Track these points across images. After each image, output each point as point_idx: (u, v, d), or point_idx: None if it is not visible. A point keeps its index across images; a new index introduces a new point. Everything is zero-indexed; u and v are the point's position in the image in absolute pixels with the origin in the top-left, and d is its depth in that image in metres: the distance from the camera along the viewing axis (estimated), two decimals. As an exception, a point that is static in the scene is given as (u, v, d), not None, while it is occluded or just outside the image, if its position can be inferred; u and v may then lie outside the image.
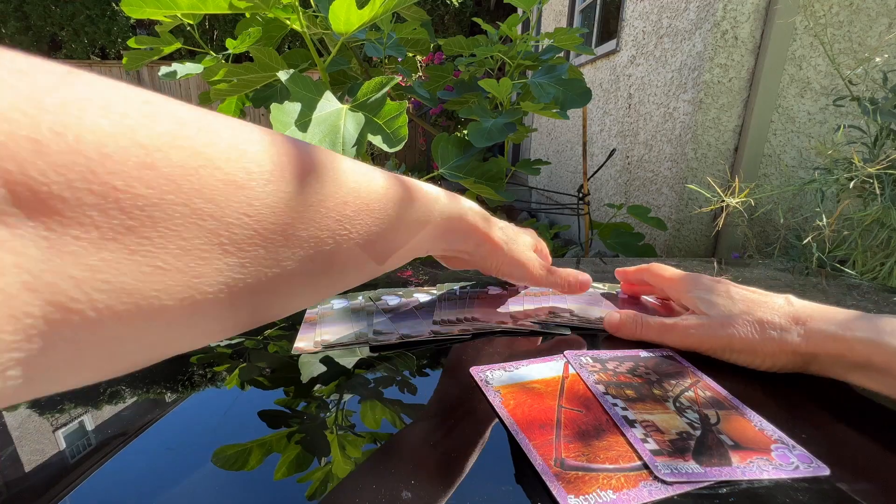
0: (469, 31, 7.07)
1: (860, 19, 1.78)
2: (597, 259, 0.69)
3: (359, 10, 0.70)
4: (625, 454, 0.26)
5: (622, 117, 2.74)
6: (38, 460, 0.27)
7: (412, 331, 0.41)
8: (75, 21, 6.66)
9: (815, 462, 0.26)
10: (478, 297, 0.48)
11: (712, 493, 0.23)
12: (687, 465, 0.25)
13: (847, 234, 1.21)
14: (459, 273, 0.61)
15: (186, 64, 0.93)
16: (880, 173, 1.09)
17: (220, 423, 0.30)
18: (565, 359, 0.36)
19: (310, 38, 0.82)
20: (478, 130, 0.93)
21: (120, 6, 0.77)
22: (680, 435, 0.27)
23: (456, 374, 0.35)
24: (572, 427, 0.28)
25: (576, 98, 1.01)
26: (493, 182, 0.90)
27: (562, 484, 0.24)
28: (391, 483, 0.24)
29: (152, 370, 0.37)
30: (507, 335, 0.41)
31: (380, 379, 0.35)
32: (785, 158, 1.94)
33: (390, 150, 0.66)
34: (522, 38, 1.11)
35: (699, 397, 0.32)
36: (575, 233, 3.17)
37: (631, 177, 2.61)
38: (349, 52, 1.06)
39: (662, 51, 2.26)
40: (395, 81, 0.71)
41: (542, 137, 4.46)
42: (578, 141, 3.44)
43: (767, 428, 0.28)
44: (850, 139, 1.32)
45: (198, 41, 1.02)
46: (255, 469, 0.25)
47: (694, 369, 0.35)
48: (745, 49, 1.83)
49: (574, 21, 3.80)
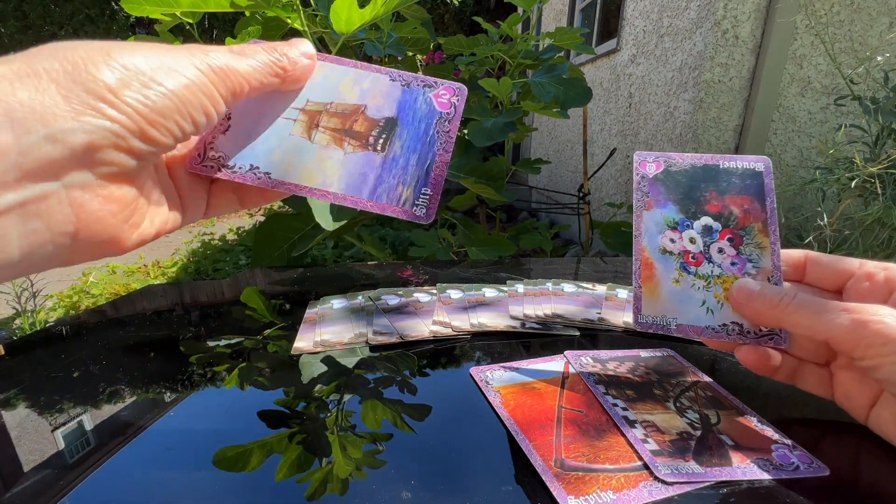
0: (469, 31, 7.06)
1: (861, 18, 1.78)
2: (597, 259, 0.69)
3: (360, 10, 0.69)
4: (625, 454, 0.26)
5: (623, 116, 2.74)
6: (37, 460, 0.27)
7: (412, 331, 0.41)
8: (75, 20, 6.65)
9: (815, 462, 0.26)
10: (479, 300, 0.48)
11: (713, 494, 0.23)
12: (687, 465, 0.25)
13: (848, 233, 1.21)
14: (459, 273, 0.61)
15: (186, 63, 0.92)
16: (881, 173, 1.09)
17: (220, 424, 0.30)
18: (566, 359, 0.36)
19: (310, 37, 0.81)
20: (478, 130, 0.93)
21: (120, 4, 0.77)
22: (680, 435, 0.27)
23: (456, 374, 0.35)
24: (572, 427, 0.28)
25: (576, 97, 1.01)
26: (493, 181, 0.90)
27: (562, 484, 0.24)
28: (391, 483, 0.24)
29: (152, 370, 0.37)
30: (509, 336, 0.41)
31: (380, 379, 0.35)
32: (786, 158, 1.94)
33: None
34: (523, 37, 1.11)
35: (699, 397, 0.32)
36: (575, 232, 3.17)
37: (631, 176, 2.61)
38: (349, 51, 1.06)
39: (663, 50, 2.26)
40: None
41: (542, 137, 4.46)
42: (579, 140, 3.44)
43: (767, 428, 0.28)
44: (851, 138, 1.32)
45: (197, 40, 1.02)
46: (256, 470, 0.25)
47: (695, 369, 0.35)
48: (745, 48, 1.83)
49: (574, 20, 3.79)
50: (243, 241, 3.17)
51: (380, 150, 0.27)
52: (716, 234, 0.31)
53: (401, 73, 0.28)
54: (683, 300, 0.31)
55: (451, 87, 0.28)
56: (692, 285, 0.31)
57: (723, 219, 0.32)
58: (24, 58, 0.18)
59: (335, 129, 0.27)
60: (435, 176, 0.27)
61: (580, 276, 0.59)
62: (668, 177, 0.33)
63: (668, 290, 0.31)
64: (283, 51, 0.25)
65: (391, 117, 0.27)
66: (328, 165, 0.27)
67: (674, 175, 0.33)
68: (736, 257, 0.31)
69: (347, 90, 0.28)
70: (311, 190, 0.26)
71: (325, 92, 0.27)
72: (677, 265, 0.31)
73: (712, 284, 0.31)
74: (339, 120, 0.27)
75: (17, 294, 1.58)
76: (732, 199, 0.32)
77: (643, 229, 0.32)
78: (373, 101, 0.28)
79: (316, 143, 0.27)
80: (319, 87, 0.27)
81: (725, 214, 0.32)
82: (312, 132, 0.27)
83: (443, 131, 0.27)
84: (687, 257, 0.31)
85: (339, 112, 0.27)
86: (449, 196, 1.33)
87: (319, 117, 0.27)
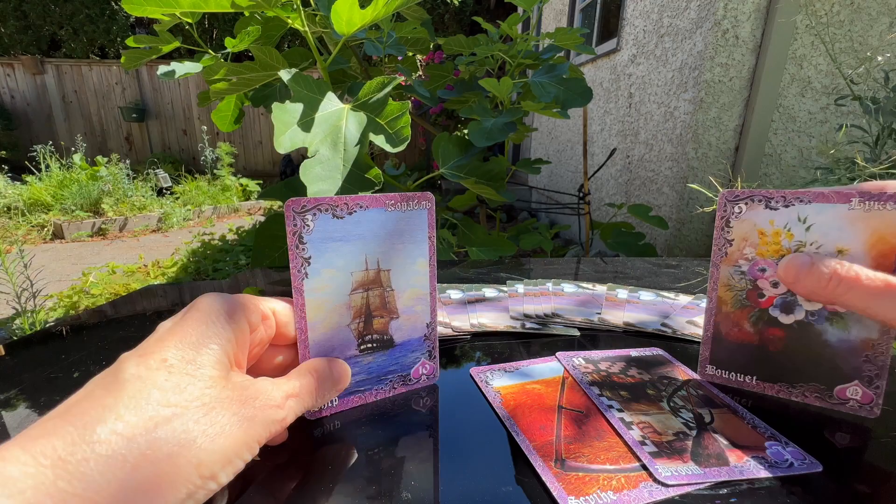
0: (469, 31, 7.06)
1: (861, 18, 1.78)
2: (597, 259, 0.69)
3: (361, 10, 0.69)
4: (625, 455, 0.26)
5: (623, 116, 2.74)
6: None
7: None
8: (74, 20, 6.65)
9: (808, 458, 0.26)
10: (479, 301, 0.48)
11: (712, 494, 0.23)
12: (686, 466, 0.25)
13: (847, 233, 1.20)
14: (459, 274, 0.61)
15: (185, 63, 0.93)
16: (882, 173, 1.09)
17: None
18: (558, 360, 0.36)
19: (310, 37, 0.81)
20: (478, 130, 0.93)
21: (120, 4, 0.77)
22: (677, 435, 0.27)
23: (456, 374, 0.35)
24: (572, 428, 0.28)
25: (576, 97, 1.01)
26: (493, 182, 0.90)
27: (562, 484, 0.24)
28: (391, 483, 0.24)
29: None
30: (509, 336, 0.41)
31: (380, 379, 0.35)
32: (786, 158, 1.94)
33: (393, 150, 0.66)
34: (523, 37, 1.11)
35: (692, 396, 0.32)
36: (575, 232, 3.17)
37: (631, 176, 2.61)
38: (349, 51, 1.06)
39: (663, 50, 2.26)
40: (398, 82, 0.71)
41: (542, 137, 4.46)
42: (579, 140, 3.43)
43: (760, 425, 0.29)
44: (851, 139, 1.32)
45: (197, 40, 1.02)
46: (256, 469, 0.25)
47: (684, 367, 0.35)
48: (745, 48, 1.83)
49: (574, 20, 3.79)
50: (243, 241, 3.17)
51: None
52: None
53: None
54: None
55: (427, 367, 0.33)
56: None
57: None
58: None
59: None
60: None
61: (580, 276, 0.59)
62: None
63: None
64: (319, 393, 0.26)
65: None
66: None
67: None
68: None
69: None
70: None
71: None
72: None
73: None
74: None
75: (17, 294, 1.58)
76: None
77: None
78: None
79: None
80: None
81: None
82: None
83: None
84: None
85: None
86: (449, 196, 1.33)
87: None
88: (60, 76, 6.36)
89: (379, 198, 0.29)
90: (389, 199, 0.30)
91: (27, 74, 6.24)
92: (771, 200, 0.29)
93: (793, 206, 0.28)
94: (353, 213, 0.29)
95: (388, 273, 0.31)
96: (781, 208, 0.29)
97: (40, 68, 6.25)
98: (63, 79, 6.38)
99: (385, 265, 0.30)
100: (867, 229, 0.26)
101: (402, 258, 0.31)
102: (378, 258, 0.30)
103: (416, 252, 0.31)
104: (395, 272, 0.31)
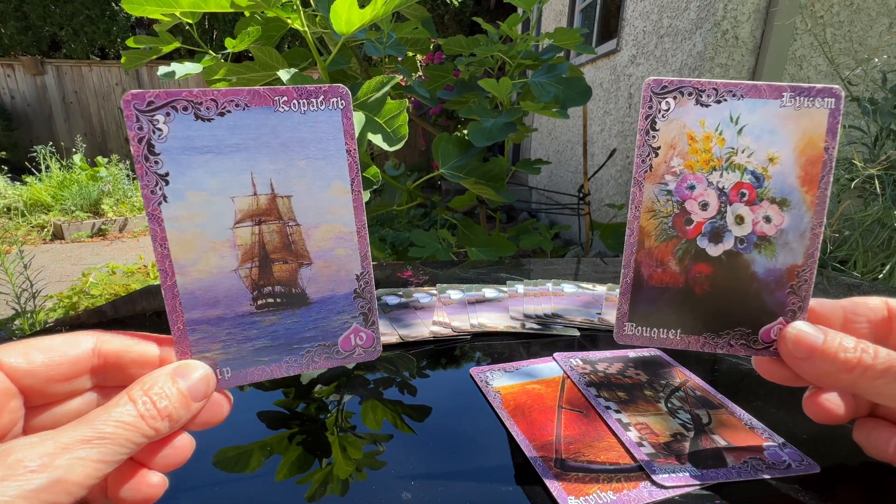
0: (469, 31, 7.06)
1: (860, 19, 1.78)
2: (597, 259, 0.69)
3: (360, 10, 0.69)
4: (625, 455, 0.26)
5: (623, 117, 2.74)
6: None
7: (412, 331, 0.41)
8: (75, 21, 6.66)
9: (805, 459, 0.26)
10: (479, 301, 0.48)
11: (711, 494, 0.23)
12: (684, 468, 0.25)
13: (848, 234, 1.21)
14: (459, 274, 0.61)
15: (185, 63, 0.93)
16: (881, 174, 1.09)
17: (219, 424, 0.30)
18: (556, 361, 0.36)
19: (310, 37, 0.82)
20: (478, 130, 0.93)
21: (120, 4, 0.77)
22: (674, 437, 0.27)
23: (456, 374, 0.35)
24: (572, 428, 0.28)
25: (576, 96, 1.01)
26: (493, 182, 0.90)
27: (562, 484, 0.24)
28: (391, 483, 0.24)
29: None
30: (509, 336, 0.41)
31: (380, 379, 0.35)
32: (785, 158, 1.94)
33: (390, 149, 0.66)
34: (523, 37, 1.11)
35: (689, 397, 0.32)
36: (575, 233, 3.17)
37: (632, 177, 2.61)
38: (348, 52, 1.06)
39: (663, 50, 2.26)
40: (396, 81, 0.71)
41: (542, 137, 4.46)
42: (579, 141, 3.44)
43: (758, 426, 0.29)
44: (850, 139, 1.32)
45: (197, 40, 1.02)
46: (256, 470, 0.25)
47: (682, 368, 0.35)
48: (745, 49, 1.83)
49: (574, 20, 3.79)
50: (243, 242, 3.16)
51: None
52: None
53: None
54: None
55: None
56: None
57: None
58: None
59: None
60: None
61: (580, 276, 0.59)
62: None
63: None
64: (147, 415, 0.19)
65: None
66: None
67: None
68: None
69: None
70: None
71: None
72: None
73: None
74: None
75: (16, 294, 1.58)
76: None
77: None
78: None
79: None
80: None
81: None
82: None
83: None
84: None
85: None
86: (449, 196, 1.33)
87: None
88: (60, 77, 6.37)
89: (262, 92, 0.22)
90: (279, 95, 0.22)
91: (27, 75, 6.24)
92: (702, 94, 0.26)
93: (725, 102, 0.26)
94: (227, 115, 0.21)
95: (287, 200, 0.23)
96: (713, 104, 0.26)
97: (40, 69, 6.25)
98: (63, 79, 6.38)
99: (283, 189, 0.22)
100: (797, 130, 0.25)
101: (307, 180, 0.23)
102: (271, 179, 0.22)
103: (330, 171, 0.23)
104: (300, 199, 0.23)
